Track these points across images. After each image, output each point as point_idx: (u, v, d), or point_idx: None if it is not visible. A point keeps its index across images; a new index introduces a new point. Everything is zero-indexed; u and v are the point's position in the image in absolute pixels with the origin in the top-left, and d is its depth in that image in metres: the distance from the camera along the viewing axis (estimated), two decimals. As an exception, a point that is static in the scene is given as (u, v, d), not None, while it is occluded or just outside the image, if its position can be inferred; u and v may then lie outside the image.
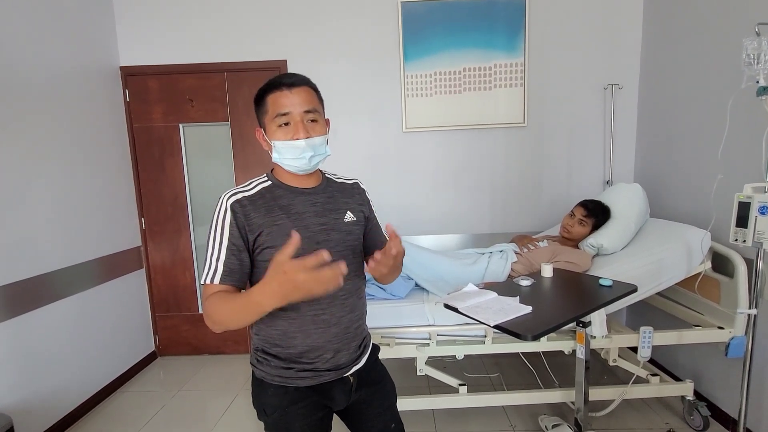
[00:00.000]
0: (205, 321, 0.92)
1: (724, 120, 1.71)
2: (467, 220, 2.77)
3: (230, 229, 0.93)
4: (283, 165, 0.98)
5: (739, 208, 1.47)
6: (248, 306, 0.83)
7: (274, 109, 0.94)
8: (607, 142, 2.66)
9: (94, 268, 2.39)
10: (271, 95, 0.94)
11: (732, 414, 1.91)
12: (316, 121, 0.97)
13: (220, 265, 0.92)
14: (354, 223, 1.06)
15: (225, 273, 0.92)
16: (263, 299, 0.79)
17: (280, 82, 0.94)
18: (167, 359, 2.94)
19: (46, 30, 2.15)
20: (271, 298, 0.78)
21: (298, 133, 0.93)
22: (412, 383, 2.36)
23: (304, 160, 0.96)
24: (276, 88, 0.94)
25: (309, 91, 0.97)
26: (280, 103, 0.93)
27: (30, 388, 1.96)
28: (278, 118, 0.94)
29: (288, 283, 0.75)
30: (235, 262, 0.93)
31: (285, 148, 0.95)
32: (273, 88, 0.94)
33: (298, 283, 0.74)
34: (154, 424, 2.18)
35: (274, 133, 0.95)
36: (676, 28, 2.26)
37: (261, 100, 0.97)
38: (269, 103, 0.95)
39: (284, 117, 0.94)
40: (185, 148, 2.82)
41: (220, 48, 2.68)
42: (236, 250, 0.93)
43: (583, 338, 1.61)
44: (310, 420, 1.02)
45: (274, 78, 0.96)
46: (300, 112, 0.94)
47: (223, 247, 0.92)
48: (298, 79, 0.96)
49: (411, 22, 2.59)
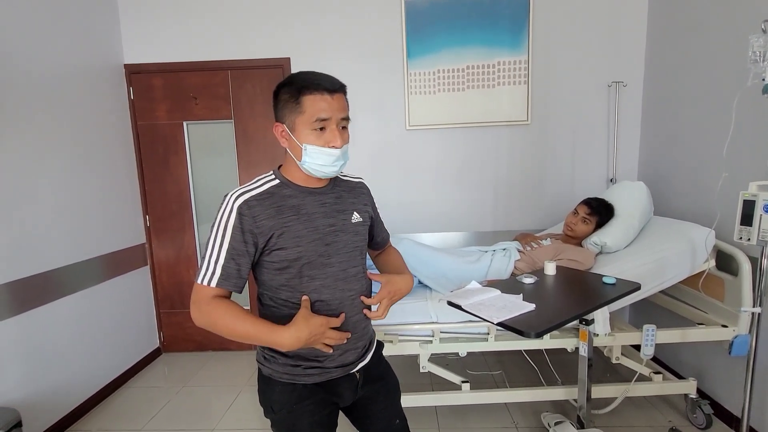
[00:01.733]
0: (192, 314, 0.92)
1: (729, 118, 1.70)
2: (470, 217, 2.77)
3: (233, 232, 0.91)
4: (309, 168, 0.95)
5: (743, 206, 1.47)
6: (266, 336, 0.90)
7: (314, 112, 0.90)
8: (611, 140, 2.65)
9: (99, 265, 2.41)
10: (311, 96, 0.90)
11: (735, 412, 1.90)
12: (346, 128, 0.97)
13: (218, 269, 0.91)
14: (360, 224, 1.06)
15: (222, 277, 0.91)
16: (286, 341, 0.89)
17: (321, 85, 0.90)
18: (171, 355, 2.96)
19: (51, 28, 2.16)
20: (295, 342, 0.89)
21: (335, 141, 0.92)
22: (415, 380, 2.37)
23: (336, 168, 0.95)
24: (316, 90, 0.90)
25: (345, 97, 0.96)
26: (320, 108, 0.90)
27: (37, 383, 1.99)
28: (316, 123, 0.91)
29: (315, 335, 0.90)
30: (233, 266, 0.92)
31: (318, 154, 0.92)
32: (313, 90, 0.90)
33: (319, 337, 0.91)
34: (159, 420, 2.20)
35: (307, 136, 0.92)
36: (681, 25, 2.25)
37: (295, 99, 0.91)
38: (307, 105, 0.90)
39: (323, 122, 0.91)
40: (189, 146, 2.83)
41: (223, 45, 2.68)
42: (236, 255, 0.92)
43: (586, 336, 1.62)
44: (318, 417, 1.02)
45: (311, 77, 0.92)
46: (338, 119, 0.93)
47: (223, 250, 0.91)
48: (339, 86, 0.93)
49: (414, 20, 2.59)
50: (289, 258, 0.94)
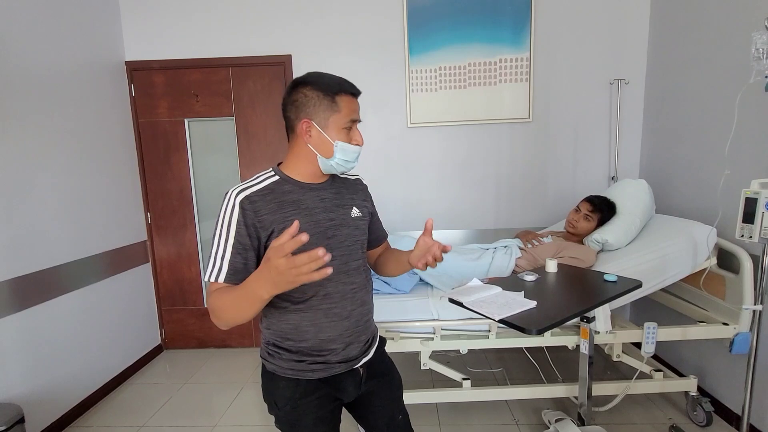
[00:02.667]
0: (211, 318, 0.92)
1: (731, 115, 1.70)
2: (471, 215, 2.77)
3: (237, 227, 0.92)
4: (334, 164, 0.99)
5: (745, 204, 1.47)
6: (246, 294, 0.82)
7: (349, 113, 0.98)
8: (612, 138, 2.64)
9: (100, 262, 2.41)
10: (345, 98, 0.97)
11: (735, 410, 1.91)
12: None
13: (225, 264, 0.91)
14: (360, 219, 1.07)
15: (230, 272, 0.91)
16: (257, 285, 0.79)
17: (352, 89, 0.99)
18: (173, 352, 2.97)
19: (52, 25, 2.16)
20: (264, 284, 0.77)
21: (358, 138, 1.01)
22: (416, 377, 2.38)
23: (356, 163, 1.03)
24: (349, 92, 0.98)
25: None
26: (353, 109, 0.99)
27: (39, 379, 1.99)
28: (349, 122, 0.99)
29: (273, 269, 0.74)
30: (240, 261, 0.92)
31: (348, 150, 0.99)
32: (346, 92, 0.98)
33: (281, 268, 0.73)
34: (161, 416, 2.21)
35: (338, 133, 0.98)
36: (684, 22, 2.24)
37: (331, 99, 0.96)
38: (343, 105, 0.97)
39: (353, 123, 1.00)
40: (190, 143, 2.83)
41: (225, 42, 2.68)
42: (242, 249, 0.92)
43: (587, 333, 1.62)
44: (322, 412, 1.03)
45: (341, 80, 0.99)
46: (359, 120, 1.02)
47: (229, 245, 0.92)
48: (358, 91, 1.02)
49: (416, 16, 2.58)
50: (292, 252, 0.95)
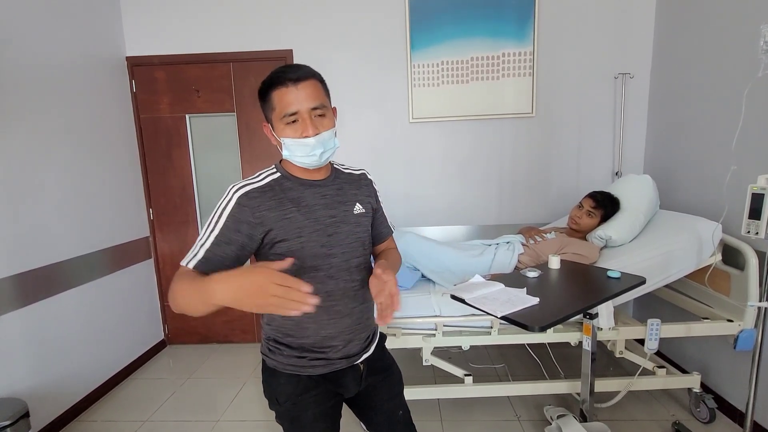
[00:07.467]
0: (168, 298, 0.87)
1: (737, 110, 1.67)
2: (474, 211, 2.75)
3: (226, 220, 0.91)
4: (294, 161, 0.96)
5: (752, 199, 1.45)
6: (201, 289, 0.74)
7: (281, 108, 0.91)
8: (616, 133, 2.62)
9: (104, 258, 2.42)
10: (277, 91, 0.90)
11: (739, 407, 1.90)
12: (323, 115, 0.94)
13: (201, 252, 0.89)
14: (363, 215, 1.06)
15: (202, 260, 0.88)
16: (218, 287, 0.72)
17: (285, 77, 0.90)
18: (176, 348, 2.99)
19: (53, 21, 2.15)
20: (228, 290, 0.71)
21: (307, 131, 0.91)
22: (418, 373, 2.38)
23: (315, 157, 0.94)
24: (281, 83, 0.90)
25: (315, 84, 0.93)
26: (286, 101, 0.90)
27: (44, 374, 2.01)
28: (286, 117, 0.91)
29: (256, 286, 0.68)
30: (218, 252, 0.89)
31: (295, 146, 0.93)
32: (278, 84, 0.90)
33: (268, 292, 0.68)
34: (165, 411, 2.23)
35: (283, 130, 0.93)
36: (690, 15, 2.20)
37: (266, 96, 0.93)
38: (275, 100, 0.91)
39: (293, 116, 0.91)
40: (192, 139, 2.83)
41: (225, 38, 2.66)
42: (224, 242, 0.90)
43: (590, 330, 1.61)
44: (323, 408, 1.03)
45: (278, 71, 0.92)
46: (307, 109, 0.91)
47: (212, 236, 0.90)
48: (303, 73, 0.91)
49: (418, 10, 2.55)
50: (291, 249, 0.94)
